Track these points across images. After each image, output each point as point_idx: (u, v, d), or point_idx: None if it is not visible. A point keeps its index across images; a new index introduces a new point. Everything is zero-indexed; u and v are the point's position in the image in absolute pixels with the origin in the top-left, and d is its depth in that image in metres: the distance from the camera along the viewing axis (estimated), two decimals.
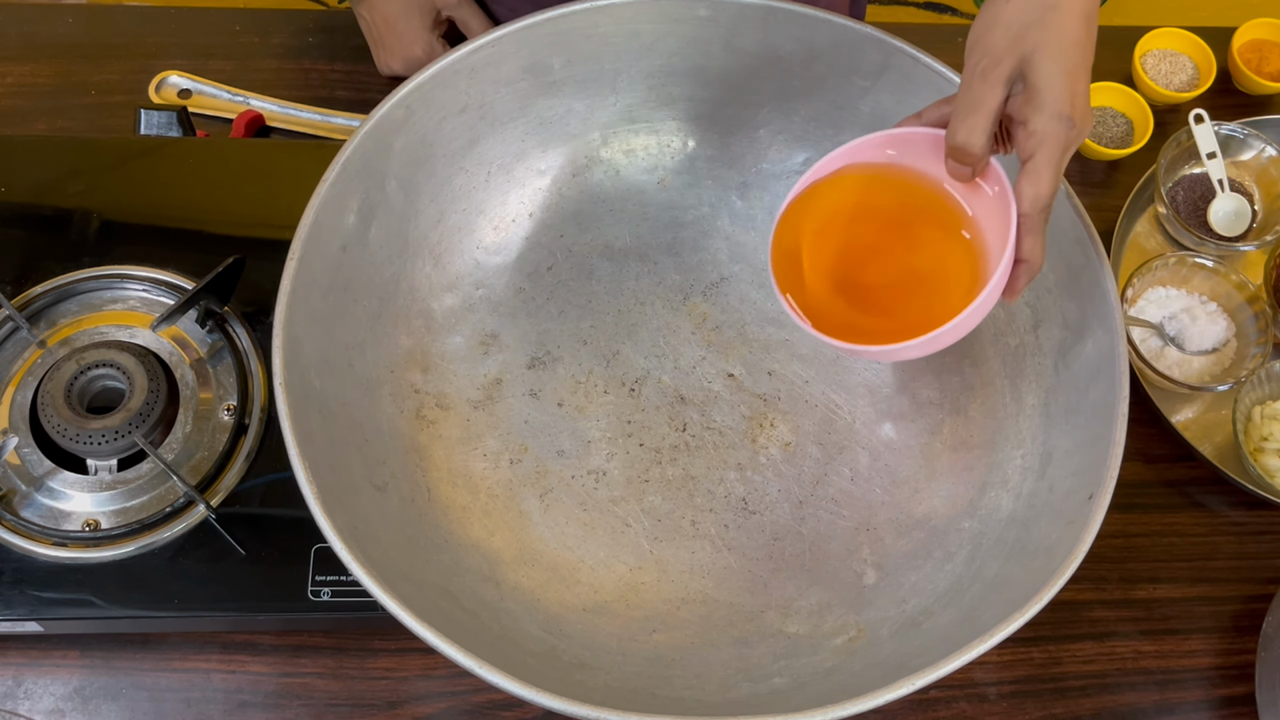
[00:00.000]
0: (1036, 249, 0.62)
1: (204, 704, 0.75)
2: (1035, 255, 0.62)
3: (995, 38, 0.60)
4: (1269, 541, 0.86)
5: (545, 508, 0.74)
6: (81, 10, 1.01)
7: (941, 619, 0.66)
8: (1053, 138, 0.59)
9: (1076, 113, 0.59)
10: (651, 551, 0.74)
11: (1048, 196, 0.60)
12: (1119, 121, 1.01)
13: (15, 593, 0.71)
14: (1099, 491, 0.63)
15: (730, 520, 0.75)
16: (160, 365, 0.77)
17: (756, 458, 0.77)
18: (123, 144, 0.88)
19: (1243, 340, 0.91)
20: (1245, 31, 1.04)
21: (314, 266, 0.68)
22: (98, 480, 0.74)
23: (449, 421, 0.76)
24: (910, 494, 0.75)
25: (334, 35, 1.01)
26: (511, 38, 0.74)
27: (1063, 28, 0.59)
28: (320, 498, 0.60)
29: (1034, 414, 0.73)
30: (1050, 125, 0.59)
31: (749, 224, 0.84)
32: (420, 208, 0.77)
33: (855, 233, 0.69)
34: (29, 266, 0.81)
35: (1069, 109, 0.58)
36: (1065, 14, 0.59)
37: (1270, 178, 0.97)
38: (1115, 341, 0.67)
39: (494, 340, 0.80)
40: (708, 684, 0.66)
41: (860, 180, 0.69)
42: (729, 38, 0.77)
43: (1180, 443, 0.87)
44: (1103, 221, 0.95)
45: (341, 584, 0.72)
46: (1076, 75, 0.59)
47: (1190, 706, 0.80)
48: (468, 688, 0.77)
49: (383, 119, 0.72)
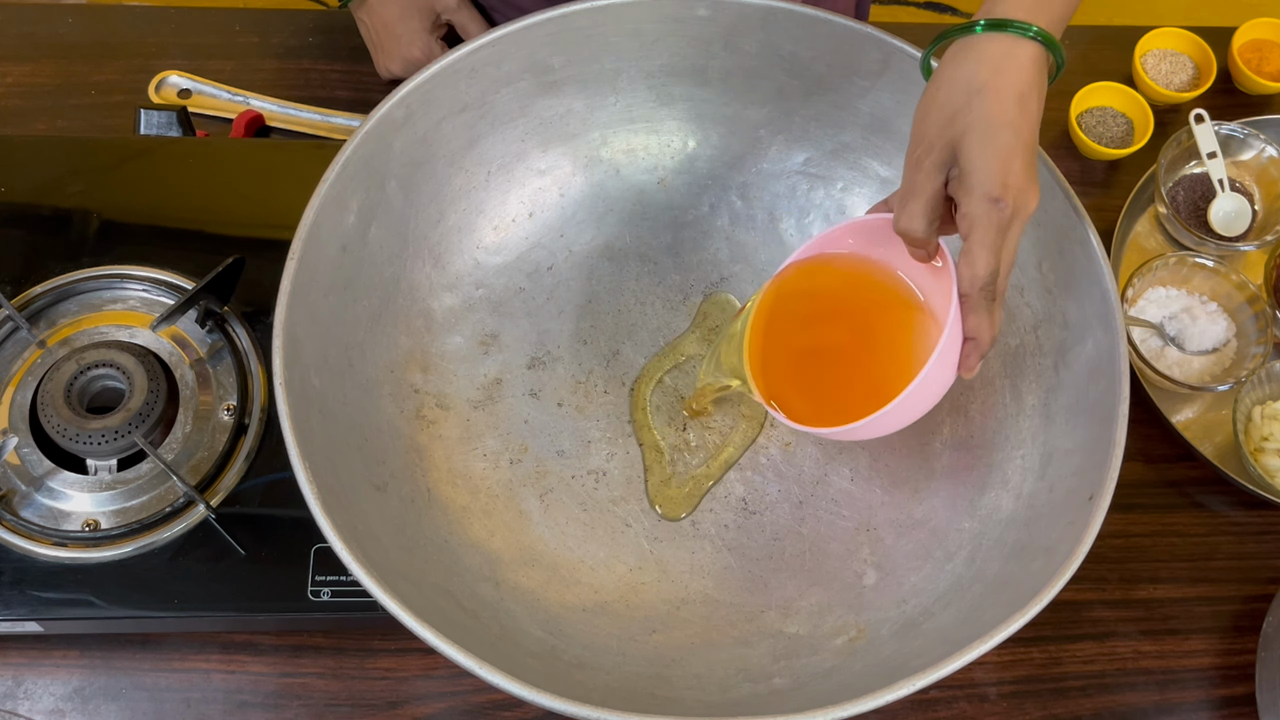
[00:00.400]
0: (983, 327, 0.62)
1: (204, 704, 0.75)
2: (982, 333, 0.63)
3: (928, 125, 0.61)
4: (1269, 541, 0.86)
5: (545, 508, 0.74)
6: (81, 10, 1.01)
7: (942, 619, 0.66)
8: (983, 219, 0.59)
9: (1010, 192, 0.59)
10: (651, 551, 0.74)
11: (984, 276, 0.60)
12: (1119, 121, 1.01)
13: (15, 593, 0.71)
14: (1099, 492, 0.63)
15: (730, 520, 0.75)
16: (160, 365, 0.76)
17: (756, 458, 0.77)
18: (123, 144, 0.88)
19: (1243, 340, 0.91)
20: (1245, 31, 1.04)
21: (314, 266, 0.68)
22: (97, 480, 0.74)
23: (449, 421, 0.76)
24: (910, 494, 0.75)
25: (334, 35, 1.01)
26: (512, 38, 0.74)
27: (989, 111, 0.59)
28: (320, 498, 0.60)
29: (1034, 414, 0.73)
30: (979, 208, 0.59)
31: (749, 224, 0.84)
32: (420, 208, 0.77)
33: (812, 323, 0.73)
34: (29, 266, 0.81)
35: (999, 190, 0.59)
36: (991, 98, 0.59)
37: (1270, 178, 0.97)
38: (1115, 341, 0.67)
39: (494, 340, 0.80)
40: (708, 684, 0.66)
41: (818, 270, 0.71)
42: (729, 38, 0.77)
43: (1180, 443, 0.87)
44: (1103, 221, 0.95)
45: (341, 584, 0.72)
46: (1009, 155, 0.59)
47: (1190, 706, 0.80)
48: (468, 688, 0.77)
49: (383, 119, 0.72)
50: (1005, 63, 0.60)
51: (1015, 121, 0.59)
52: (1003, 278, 0.61)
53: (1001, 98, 0.59)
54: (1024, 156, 0.59)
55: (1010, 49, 0.60)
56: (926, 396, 0.65)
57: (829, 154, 0.82)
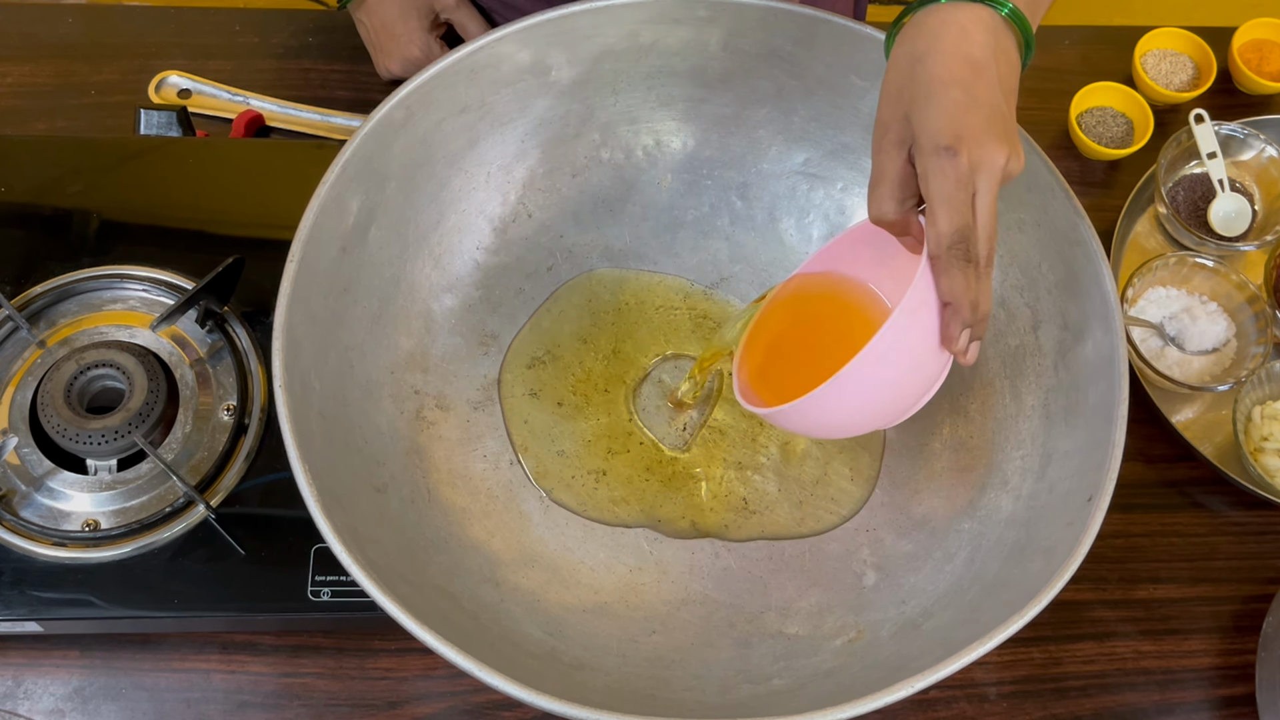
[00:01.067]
0: (958, 290, 0.58)
1: (204, 704, 0.75)
2: (958, 297, 0.58)
3: (883, 109, 0.60)
4: (1269, 541, 0.86)
5: (545, 508, 0.74)
6: (81, 10, 1.01)
7: (941, 620, 0.66)
8: (936, 172, 0.57)
9: (965, 144, 0.56)
10: (651, 552, 0.74)
11: (949, 234, 0.57)
12: (1119, 121, 1.01)
13: (15, 593, 0.71)
14: (1099, 493, 0.63)
15: (730, 520, 0.75)
16: (160, 365, 0.77)
17: (756, 457, 0.77)
18: (123, 144, 0.88)
19: (1243, 340, 0.91)
20: (1245, 31, 1.04)
21: (314, 268, 0.68)
22: (97, 480, 0.74)
23: (449, 422, 0.76)
24: (910, 494, 0.75)
25: (334, 35, 1.01)
26: (512, 38, 0.74)
27: (932, 73, 0.58)
28: (320, 499, 0.60)
29: (1034, 415, 0.73)
30: (929, 161, 0.57)
31: (749, 224, 0.84)
32: (420, 209, 0.77)
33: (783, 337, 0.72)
34: (29, 266, 0.81)
35: (948, 140, 0.56)
36: (933, 60, 0.58)
37: (1270, 178, 0.97)
38: (1115, 342, 0.67)
39: (494, 340, 0.80)
40: (707, 685, 0.66)
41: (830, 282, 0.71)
42: (729, 38, 0.77)
43: (1180, 443, 0.87)
44: (1103, 221, 0.95)
45: (341, 584, 0.72)
46: (961, 110, 0.57)
47: (1190, 706, 0.80)
48: (468, 688, 0.77)
49: (383, 120, 0.72)
50: (943, 29, 0.59)
51: (965, 79, 0.57)
52: (983, 240, 0.57)
53: (946, 59, 0.58)
54: (984, 113, 0.57)
55: (948, 15, 0.59)
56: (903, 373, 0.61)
57: (829, 154, 0.82)
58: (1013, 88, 0.60)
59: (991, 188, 0.57)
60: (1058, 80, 1.03)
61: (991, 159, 0.57)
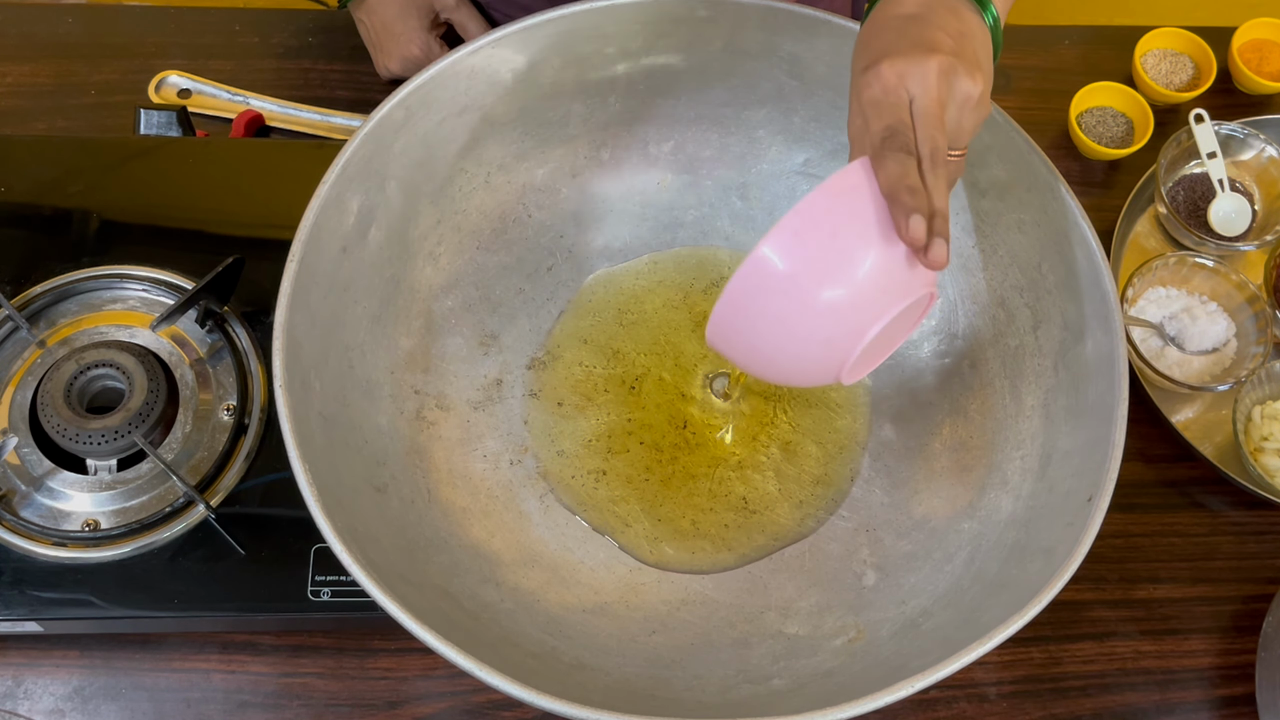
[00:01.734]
0: (892, 177, 0.54)
1: (204, 704, 0.75)
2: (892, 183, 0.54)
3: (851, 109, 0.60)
4: (1269, 541, 0.86)
5: (545, 508, 0.74)
6: (81, 10, 1.01)
7: (941, 620, 0.66)
8: (862, 88, 0.57)
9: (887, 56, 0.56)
10: (651, 552, 0.74)
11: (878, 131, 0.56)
12: (1119, 121, 1.01)
13: (15, 593, 0.71)
14: (1098, 493, 0.63)
15: (730, 520, 0.75)
16: (160, 365, 0.77)
17: (756, 456, 0.77)
18: (123, 144, 0.88)
19: (1243, 340, 0.91)
20: (1245, 31, 1.04)
21: (314, 268, 0.68)
22: (97, 480, 0.74)
23: (449, 422, 0.76)
24: (910, 495, 0.75)
25: (334, 35, 1.01)
26: (511, 38, 0.74)
27: (863, 34, 0.60)
28: (320, 499, 0.60)
29: (1034, 415, 0.73)
30: (856, 82, 0.58)
31: (749, 224, 0.84)
32: (420, 209, 0.77)
33: None
34: (29, 266, 0.81)
35: (868, 60, 0.57)
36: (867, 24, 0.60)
37: (1270, 178, 0.97)
38: (1115, 342, 0.67)
39: (494, 340, 0.80)
40: (707, 685, 0.66)
41: None
42: (729, 38, 0.77)
43: (1180, 443, 0.87)
44: (1103, 221, 0.95)
45: (341, 584, 0.72)
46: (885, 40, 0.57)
47: (1190, 706, 0.80)
48: (468, 688, 0.77)
49: (383, 120, 0.72)
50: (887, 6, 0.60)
51: (902, 25, 0.58)
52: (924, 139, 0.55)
53: (877, 18, 0.60)
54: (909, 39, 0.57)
55: None
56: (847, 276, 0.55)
57: (829, 154, 0.82)
58: (962, 31, 0.59)
59: (928, 90, 0.56)
60: (1058, 80, 1.03)
61: (918, 67, 0.56)
